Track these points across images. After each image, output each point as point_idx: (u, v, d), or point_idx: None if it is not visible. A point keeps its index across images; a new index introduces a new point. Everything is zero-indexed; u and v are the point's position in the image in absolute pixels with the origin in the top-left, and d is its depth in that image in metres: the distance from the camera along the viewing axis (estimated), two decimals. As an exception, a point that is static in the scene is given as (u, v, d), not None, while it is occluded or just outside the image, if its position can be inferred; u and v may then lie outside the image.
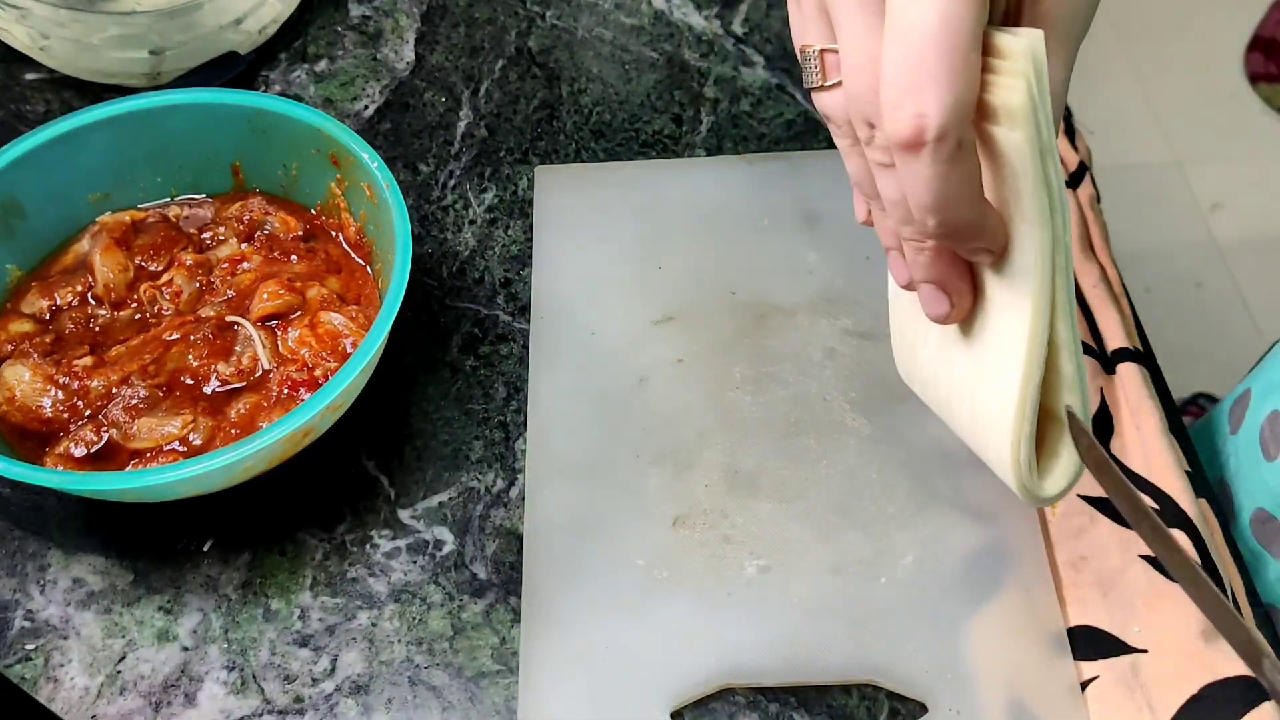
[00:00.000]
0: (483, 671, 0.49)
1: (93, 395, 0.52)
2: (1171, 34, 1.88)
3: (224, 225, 0.59)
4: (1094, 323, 0.58)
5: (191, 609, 0.51)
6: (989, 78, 0.35)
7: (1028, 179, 0.36)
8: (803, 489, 0.53)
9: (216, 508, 0.52)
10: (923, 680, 0.47)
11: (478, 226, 0.64)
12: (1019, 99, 0.34)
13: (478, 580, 0.51)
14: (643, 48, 0.72)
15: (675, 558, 0.51)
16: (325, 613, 0.51)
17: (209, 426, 0.52)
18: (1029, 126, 0.35)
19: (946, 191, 0.34)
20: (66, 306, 0.56)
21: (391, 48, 0.72)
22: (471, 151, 0.67)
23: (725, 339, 0.58)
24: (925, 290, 0.40)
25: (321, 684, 0.49)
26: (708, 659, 0.48)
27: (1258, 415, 0.58)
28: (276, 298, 0.55)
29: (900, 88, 0.33)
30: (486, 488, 0.54)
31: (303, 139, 0.57)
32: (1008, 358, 0.40)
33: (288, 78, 0.71)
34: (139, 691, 0.49)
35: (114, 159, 0.58)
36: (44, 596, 0.51)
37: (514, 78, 0.71)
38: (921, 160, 0.34)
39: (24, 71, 0.70)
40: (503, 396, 0.57)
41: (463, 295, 0.61)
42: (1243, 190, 1.68)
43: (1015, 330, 0.40)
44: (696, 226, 0.62)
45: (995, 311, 0.41)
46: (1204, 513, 0.52)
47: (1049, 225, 0.37)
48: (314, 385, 0.52)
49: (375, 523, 0.53)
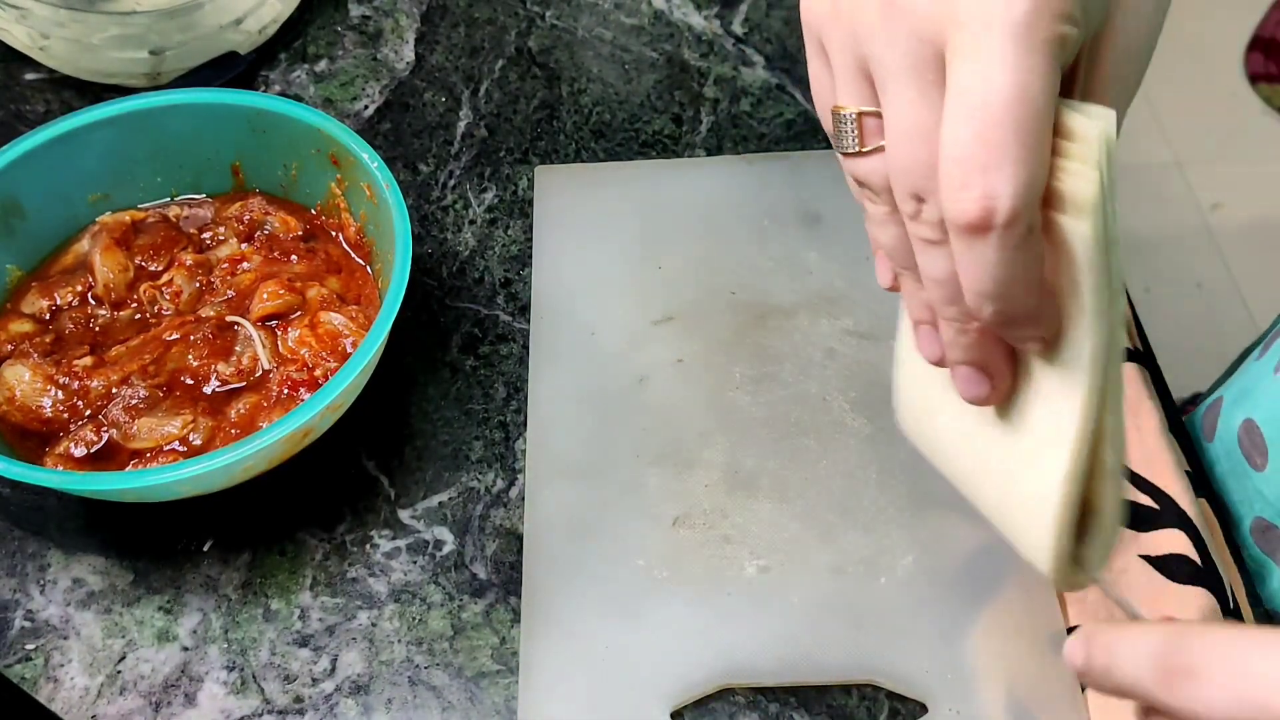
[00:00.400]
0: (483, 671, 0.49)
1: (93, 395, 0.52)
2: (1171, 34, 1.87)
3: (224, 225, 0.59)
4: (1094, 323, 0.58)
5: (191, 609, 0.51)
6: (1056, 160, 0.32)
7: (1090, 273, 0.33)
8: (803, 489, 0.53)
9: (216, 508, 0.52)
10: (922, 680, 0.47)
11: (478, 226, 0.64)
12: (1090, 190, 0.32)
13: (478, 580, 0.51)
14: (643, 48, 0.72)
15: (675, 558, 0.51)
16: (325, 613, 0.51)
17: (209, 426, 0.52)
18: (1097, 218, 0.32)
19: (1009, 278, 0.32)
20: (66, 306, 0.56)
21: (391, 48, 0.72)
22: (471, 151, 0.67)
23: (725, 339, 0.58)
24: (963, 371, 0.38)
25: (321, 684, 0.49)
26: (707, 659, 0.48)
27: (1230, 423, 0.57)
28: (276, 298, 0.55)
29: (968, 166, 0.30)
30: (486, 488, 0.54)
31: (303, 139, 0.57)
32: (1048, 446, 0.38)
33: (288, 78, 0.71)
34: (139, 691, 0.49)
35: (114, 159, 0.58)
36: (44, 596, 0.51)
37: (514, 78, 0.71)
38: (987, 244, 0.31)
39: (24, 71, 0.70)
40: (503, 396, 0.57)
41: (463, 295, 0.61)
42: (1243, 190, 1.68)
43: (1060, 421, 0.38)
44: (696, 226, 0.62)
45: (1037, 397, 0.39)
46: (1204, 512, 0.52)
47: (1107, 319, 0.35)
48: (314, 385, 0.52)
49: (375, 523, 0.53)
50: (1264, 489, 0.55)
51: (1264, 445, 0.55)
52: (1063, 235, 0.33)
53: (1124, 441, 0.39)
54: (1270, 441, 0.55)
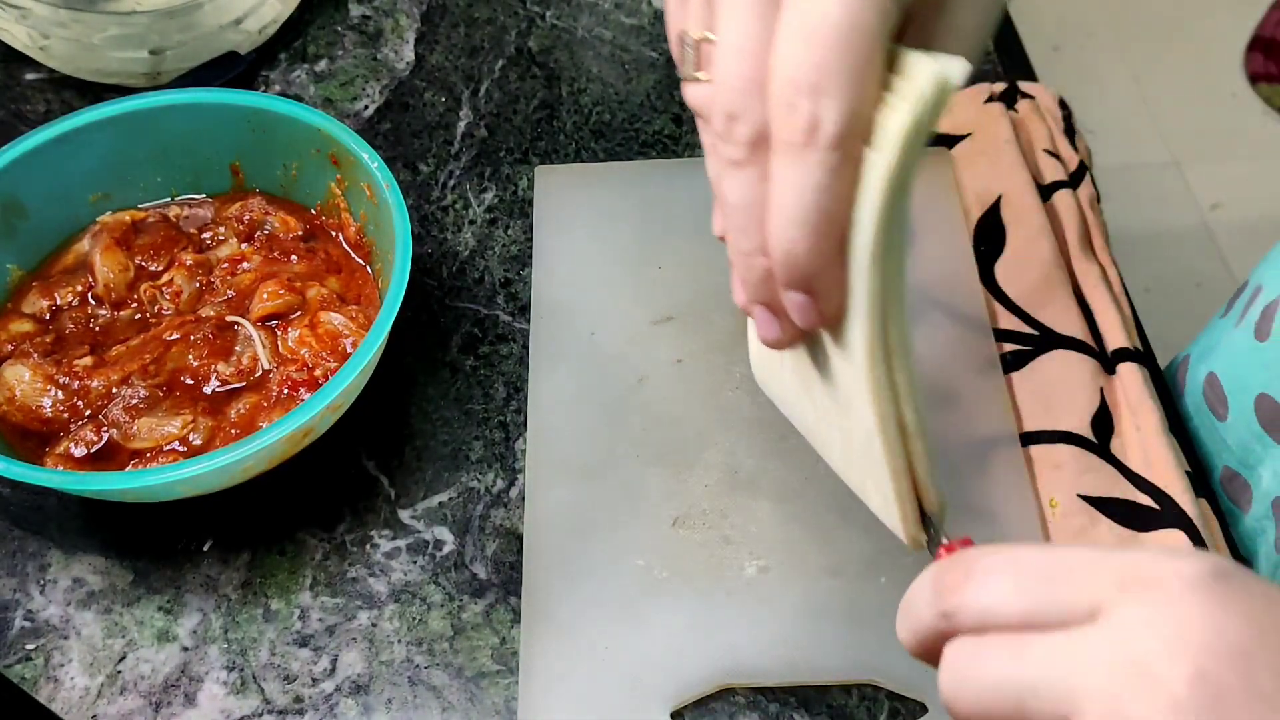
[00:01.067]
0: (483, 671, 0.49)
1: (93, 395, 0.52)
2: (1171, 34, 1.88)
3: (224, 225, 0.59)
4: (1094, 323, 0.58)
5: (191, 609, 0.51)
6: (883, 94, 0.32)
7: (876, 210, 0.33)
8: (802, 489, 0.53)
9: (216, 508, 0.52)
10: (922, 680, 0.48)
11: (478, 226, 0.64)
12: (897, 122, 0.32)
13: (478, 580, 0.51)
14: (643, 48, 0.72)
15: (675, 558, 0.51)
16: (325, 613, 0.51)
17: (209, 426, 0.52)
18: (895, 154, 0.32)
19: (817, 205, 0.32)
20: (67, 306, 0.56)
21: (391, 48, 0.72)
22: (471, 151, 0.67)
23: (725, 339, 0.58)
24: (757, 310, 0.37)
25: (321, 684, 0.49)
26: (707, 659, 0.48)
27: (1196, 377, 0.59)
28: (276, 298, 0.55)
29: (799, 86, 0.31)
30: (486, 488, 0.54)
31: (303, 139, 0.57)
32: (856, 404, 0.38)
33: (288, 78, 0.71)
34: (139, 691, 0.49)
35: (114, 159, 0.58)
36: (44, 596, 0.51)
37: (514, 78, 0.71)
38: (806, 164, 0.32)
39: (24, 71, 0.70)
40: (502, 396, 0.57)
41: (463, 295, 0.61)
42: (1242, 190, 1.68)
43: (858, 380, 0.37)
44: (696, 226, 0.62)
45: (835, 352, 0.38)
46: (1204, 513, 0.52)
47: (880, 266, 0.34)
48: (314, 385, 0.52)
49: (375, 523, 0.53)
50: (1227, 438, 0.56)
51: (1224, 396, 0.56)
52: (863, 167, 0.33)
53: (918, 397, 0.38)
54: (1230, 392, 0.56)
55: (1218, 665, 0.27)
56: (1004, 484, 0.53)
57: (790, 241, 0.33)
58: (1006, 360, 0.57)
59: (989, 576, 0.31)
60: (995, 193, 0.63)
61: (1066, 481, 0.53)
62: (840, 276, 0.34)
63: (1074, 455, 0.53)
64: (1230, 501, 0.57)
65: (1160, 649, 0.27)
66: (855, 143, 0.32)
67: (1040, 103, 0.67)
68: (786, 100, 0.31)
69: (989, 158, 0.64)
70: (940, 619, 0.32)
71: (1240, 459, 0.56)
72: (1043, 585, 0.30)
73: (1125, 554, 0.30)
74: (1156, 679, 0.27)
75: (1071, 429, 0.54)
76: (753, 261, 0.35)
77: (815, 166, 0.32)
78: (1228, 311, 0.60)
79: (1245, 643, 0.27)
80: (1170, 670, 0.27)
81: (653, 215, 0.63)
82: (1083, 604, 0.29)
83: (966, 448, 0.54)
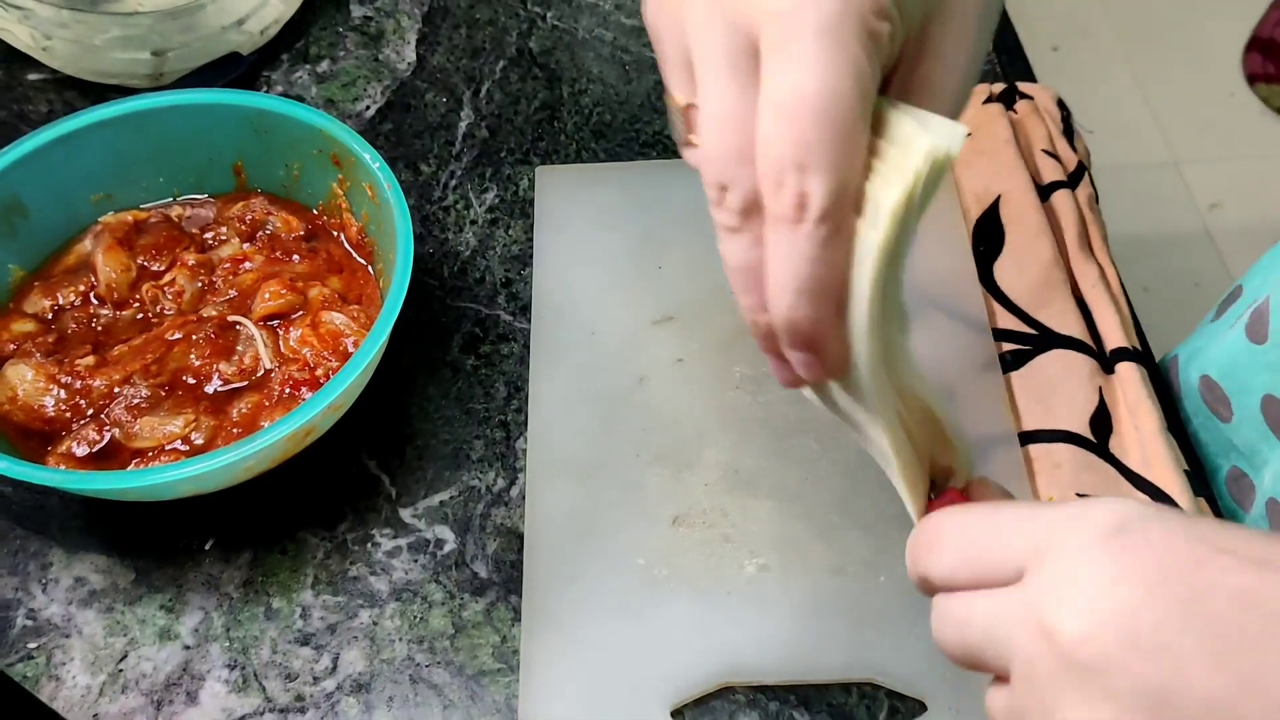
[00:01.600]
0: (483, 670, 0.49)
1: (95, 395, 0.52)
2: (1170, 34, 1.88)
3: (226, 225, 0.59)
4: (1093, 322, 0.58)
5: (193, 607, 0.51)
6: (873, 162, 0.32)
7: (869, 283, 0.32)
8: (802, 488, 0.53)
9: (218, 507, 0.52)
10: (922, 679, 0.48)
11: (479, 226, 0.64)
12: (893, 197, 0.31)
13: (478, 579, 0.52)
14: (643, 48, 0.72)
15: (675, 557, 0.51)
16: (326, 611, 0.51)
17: (211, 426, 0.52)
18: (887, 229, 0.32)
19: (813, 274, 0.32)
20: (69, 306, 0.56)
21: (393, 48, 0.72)
22: (473, 152, 0.67)
23: (725, 339, 0.58)
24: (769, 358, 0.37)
25: (323, 682, 0.49)
26: (708, 657, 0.48)
27: (1189, 378, 0.59)
28: (278, 297, 0.55)
29: (783, 165, 0.31)
30: (487, 487, 0.54)
31: (304, 139, 0.57)
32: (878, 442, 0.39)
33: (289, 78, 0.71)
34: (141, 690, 0.49)
35: (116, 159, 0.59)
36: (46, 595, 0.51)
37: (515, 78, 0.71)
38: (797, 237, 0.32)
39: (26, 72, 0.71)
40: (503, 396, 0.57)
41: (464, 295, 0.61)
42: (1241, 190, 1.68)
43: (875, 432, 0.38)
44: (696, 226, 0.62)
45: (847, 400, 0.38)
46: (1203, 512, 0.52)
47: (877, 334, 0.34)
48: (315, 385, 0.53)
49: (376, 522, 0.53)
50: (1234, 439, 0.56)
51: (1225, 398, 0.56)
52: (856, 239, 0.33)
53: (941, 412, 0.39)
54: (1231, 394, 0.56)
55: (1103, 626, 0.29)
56: (1003, 483, 0.53)
57: (788, 308, 0.33)
58: (1005, 360, 0.57)
59: (943, 545, 0.35)
60: (994, 193, 0.63)
61: (1065, 481, 0.53)
62: (841, 335, 0.34)
63: (1073, 454, 0.54)
64: (1234, 502, 0.57)
65: (1059, 611, 0.30)
66: (845, 214, 0.32)
67: (1039, 103, 0.67)
68: (774, 177, 0.31)
69: (988, 158, 0.64)
70: (919, 581, 0.36)
71: (1248, 459, 0.56)
72: (981, 552, 0.33)
73: (1047, 514, 0.32)
74: (1055, 640, 0.29)
75: (1070, 428, 0.54)
76: (757, 318, 0.36)
77: (806, 239, 0.32)
78: (1218, 316, 0.61)
79: (1131, 600, 0.29)
80: (1065, 631, 0.29)
81: (653, 215, 0.63)
82: (1010, 566, 0.32)
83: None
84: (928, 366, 0.39)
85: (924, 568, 0.35)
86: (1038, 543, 0.31)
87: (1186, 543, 0.29)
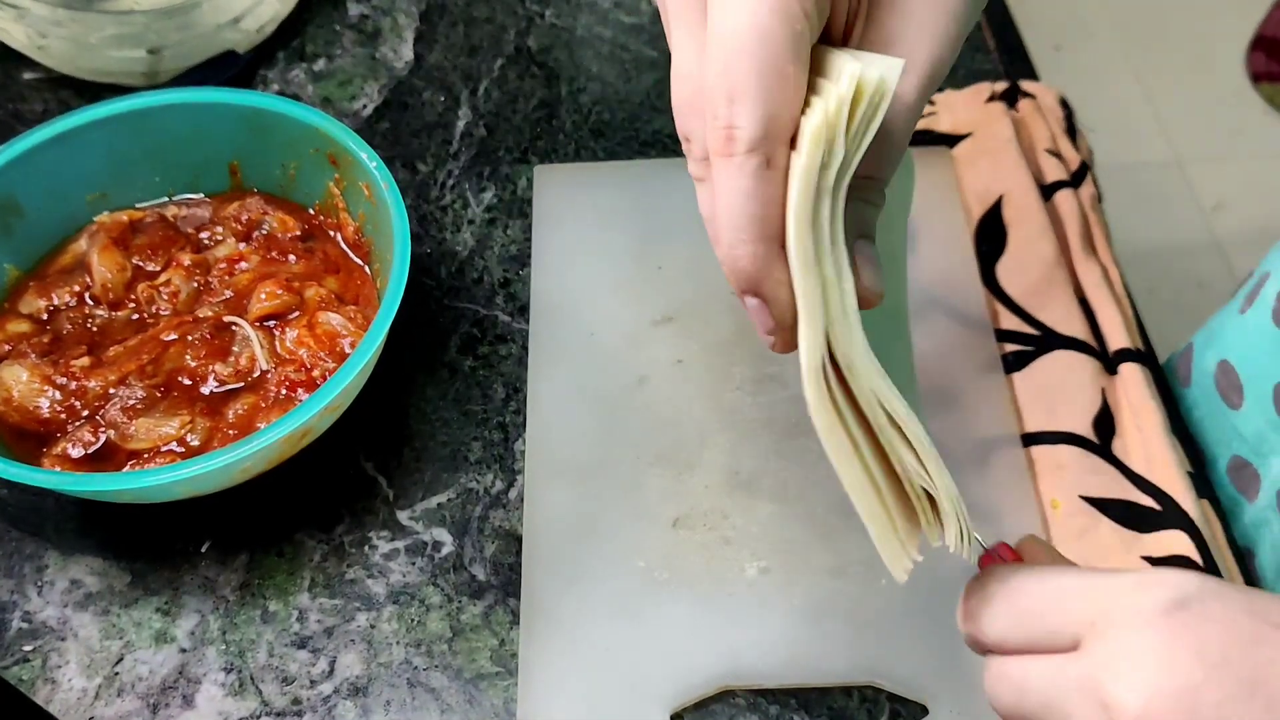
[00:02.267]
0: (481, 673, 0.49)
1: (90, 396, 0.52)
2: (1174, 33, 1.88)
3: (222, 225, 0.59)
4: (1095, 322, 0.58)
5: (189, 610, 0.51)
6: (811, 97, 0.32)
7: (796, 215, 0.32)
8: (803, 490, 0.53)
9: (214, 509, 0.52)
10: (923, 682, 0.47)
11: (476, 226, 0.63)
12: (812, 120, 0.32)
13: (476, 582, 0.51)
14: (642, 46, 0.72)
15: (675, 559, 0.51)
16: (323, 614, 0.50)
17: (207, 427, 0.52)
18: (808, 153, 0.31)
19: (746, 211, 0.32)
20: (64, 307, 0.56)
21: (390, 47, 0.72)
22: (470, 151, 0.67)
23: (725, 339, 0.58)
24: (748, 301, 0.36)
25: (320, 686, 0.48)
26: (708, 660, 0.48)
27: (1204, 365, 0.59)
28: (274, 298, 0.55)
29: (716, 97, 0.32)
30: (485, 489, 0.54)
31: (301, 138, 0.57)
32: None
33: (286, 77, 0.71)
34: (137, 693, 0.48)
35: (112, 158, 0.58)
36: (41, 598, 0.51)
37: (513, 77, 0.70)
38: (730, 170, 0.32)
39: (22, 71, 0.70)
40: (501, 397, 0.57)
41: (461, 295, 0.61)
42: (1245, 190, 1.68)
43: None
44: (696, 226, 0.62)
45: None
46: (1206, 514, 0.52)
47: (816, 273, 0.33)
48: (312, 386, 0.52)
49: (374, 524, 0.53)
50: (1241, 427, 0.56)
51: (1239, 383, 0.56)
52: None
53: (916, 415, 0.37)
54: (1245, 379, 0.56)
55: (1163, 703, 0.29)
56: (1006, 485, 0.53)
57: (728, 246, 0.34)
58: (1008, 360, 0.57)
59: (995, 609, 0.35)
60: (996, 192, 0.62)
61: (1068, 482, 0.53)
62: (785, 281, 0.34)
63: (1076, 456, 0.53)
64: (1237, 491, 0.57)
65: (1117, 687, 0.30)
66: (775, 146, 0.32)
67: (1042, 102, 0.67)
68: (711, 112, 0.32)
69: (990, 157, 0.64)
70: (969, 640, 0.36)
71: (1254, 448, 0.55)
72: (1035, 619, 0.34)
73: (1105, 583, 0.33)
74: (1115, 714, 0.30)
75: (1073, 429, 0.54)
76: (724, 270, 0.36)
77: (737, 171, 0.32)
78: (1239, 301, 0.60)
79: (1191, 678, 0.29)
80: (1125, 705, 0.30)
81: (653, 215, 0.63)
82: (1067, 635, 0.32)
83: (968, 448, 0.54)
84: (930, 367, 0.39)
85: (976, 627, 0.35)
86: (1096, 613, 0.32)
87: (1247, 618, 0.30)
